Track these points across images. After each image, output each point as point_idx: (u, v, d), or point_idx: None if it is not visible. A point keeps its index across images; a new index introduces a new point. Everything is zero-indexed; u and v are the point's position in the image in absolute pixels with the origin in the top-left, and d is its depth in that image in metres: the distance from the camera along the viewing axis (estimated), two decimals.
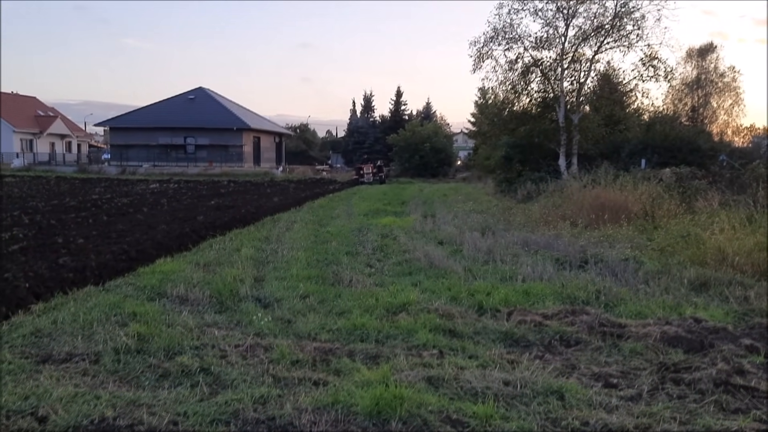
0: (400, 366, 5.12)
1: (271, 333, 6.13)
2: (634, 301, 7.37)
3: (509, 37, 27.00)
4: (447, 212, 18.50)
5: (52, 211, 17.84)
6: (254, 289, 8.00)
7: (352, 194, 28.72)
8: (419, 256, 10.33)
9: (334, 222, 16.32)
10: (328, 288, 8.15)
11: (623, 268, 9.02)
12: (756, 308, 7.12)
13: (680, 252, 10.06)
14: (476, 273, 9.12)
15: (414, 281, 8.62)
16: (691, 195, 16.63)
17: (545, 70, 27.16)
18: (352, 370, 5.03)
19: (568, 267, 9.49)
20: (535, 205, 18.73)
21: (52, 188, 29.85)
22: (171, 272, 8.86)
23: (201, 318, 6.64)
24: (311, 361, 5.26)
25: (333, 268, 9.58)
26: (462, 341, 5.95)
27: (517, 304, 7.25)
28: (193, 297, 7.44)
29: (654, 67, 25.87)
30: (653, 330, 6.19)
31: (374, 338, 6.01)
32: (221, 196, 26.15)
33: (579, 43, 26.69)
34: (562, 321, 6.59)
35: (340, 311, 6.97)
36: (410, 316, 6.71)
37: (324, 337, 6.04)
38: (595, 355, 5.69)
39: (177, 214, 17.37)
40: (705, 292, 7.93)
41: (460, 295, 7.61)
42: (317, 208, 21.04)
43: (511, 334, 6.19)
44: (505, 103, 29.17)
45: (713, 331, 6.26)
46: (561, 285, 8.10)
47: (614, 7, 25.96)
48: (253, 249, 11.18)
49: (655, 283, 8.26)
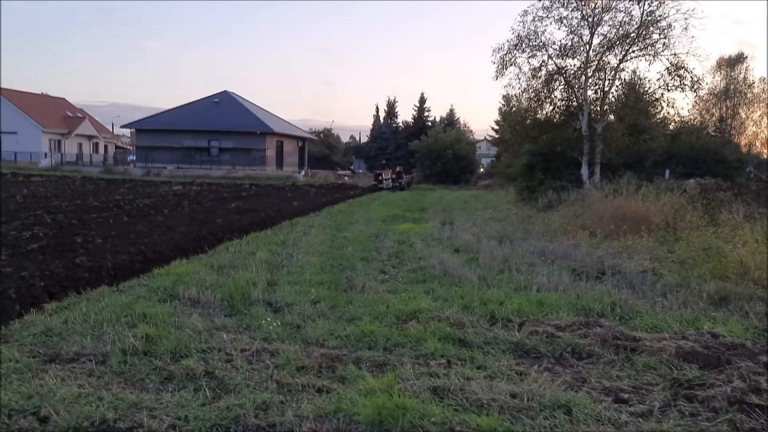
0: (406, 375, 5.06)
1: (279, 338, 6.11)
2: (651, 315, 7.21)
3: (533, 44, 26.83)
4: (466, 220, 18.38)
5: (75, 210, 18.10)
6: (266, 293, 7.99)
7: (372, 200, 28.72)
8: (434, 264, 10.26)
9: (351, 227, 16.30)
10: (340, 294, 8.12)
11: (641, 280, 8.85)
12: None
13: (701, 265, 9.85)
14: (491, 282, 9.02)
15: (427, 289, 8.55)
16: (715, 207, 16.34)
17: (569, 79, 26.92)
18: (358, 377, 4.97)
19: (584, 278, 9.34)
20: (555, 214, 18.52)
21: (77, 188, 30.31)
22: (185, 274, 8.91)
23: (210, 321, 6.64)
24: (317, 368, 5.22)
25: (347, 274, 9.56)
26: (471, 351, 5.86)
27: (530, 314, 7.14)
28: (205, 300, 7.46)
29: (680, 76, 25.47)
30: (668, 344, 6.04)
31: (382, 346, 5.95)
32: (242, 199, 26.32)
33: (604, 51, 26.42)
34: (574, 333, 6.47)
35: (350, 318, 6.92)
36: (420, 324, 6.64)
37: (332, 343, 6.00)
38: (607, 369, 5.56)
39: (196, 217, 17.50)
40: (725, 307, 7.73)
41: (472, 304, 7.51)
42: (336, 213, 21.05)
43: (522, 345, 6.09)
44: (528, 110, 28.99)
45: (731, 347, 6.09)
46: (576, 296, 7.97)
47: (640, 16, 25.66)
48: (269, 253, 11.20)
49: (673, 296, 8.08)
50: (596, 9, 25.99)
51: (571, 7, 26.10)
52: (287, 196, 29.60)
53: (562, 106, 27.70)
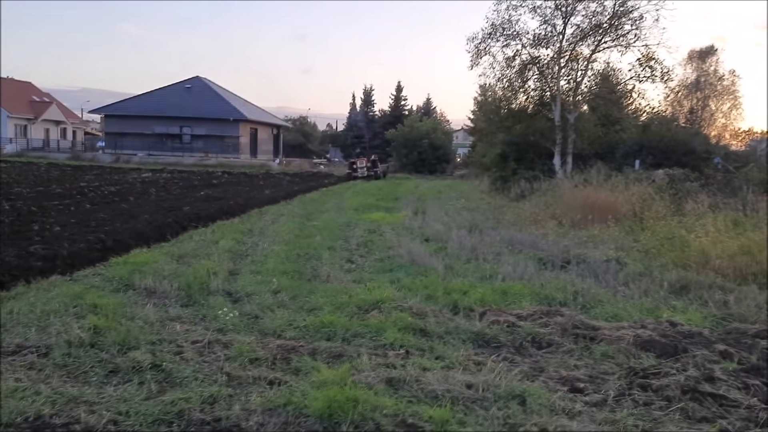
0: (362, 366, 4.96)
1: (235, 329, 5.97)
2: (612, 303, 7.22)
3: (507, 33, 26.80)
4: (438, 209, 18.33)
5: (36, 197, 17.66)
6: (227, 282, 7.83)
7: (346, 189, 28.54)
8: (402, 253, 10.17)
9: (322, 216, 16.14)
10: (304, 284, 7.98)
11: (605, 269, 8.87)
12: (735, 313, 6.98)
13: (665, 254, 9.91)
14: (457, 271, 8.96)
15: (393, 278, 8.45)
16: (681, 197, 16.51)
17: (542, 68, 26.97)
18: (312, 369, 4.86)
19: (550, 267, 9.34)
20: (526, 204, 18.59)
21: (41, 175, 29.64)
22: (144, 263, 8.70)
23: (165, 312, 6.47)
24: (271, 360, 5.10)
25: (312, 264, 9.42)
26: (431, 341, 5.79)
27: (493, 303, 7.09)
28: (162, 289, 7.27)
29: (651, 67, 25.68)
30: (627, 333, 6.03)
31: (341, 337, 5.85)
32: (212, 187, 25.96)
33: (577, 41, 26.49)
34: (535, 322, 6.43)
35: (311, 308, 6.80)
36: (382, 314, 6.54)
37: (289, 334, 5.88)
38: (565, 358, 5.53)
39: (163, 204, 17.19)
40: (685, 296, 7.78)
41: (436, 293, 7.44)
42: (308, 201, 20.86)
43: (483, 335, 6.03)
44: (503, 100, 29.00)
45: (688, 336, 6.11)
46: (540, 285, 7.95)
47: (612, 6, 25.75)
48: (234, 241, 11.01)
49: (635, 285, 8.11)
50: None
51: None
52: (259, 184, 29.27)
53: (535, 96, 27.76)
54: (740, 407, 4.41)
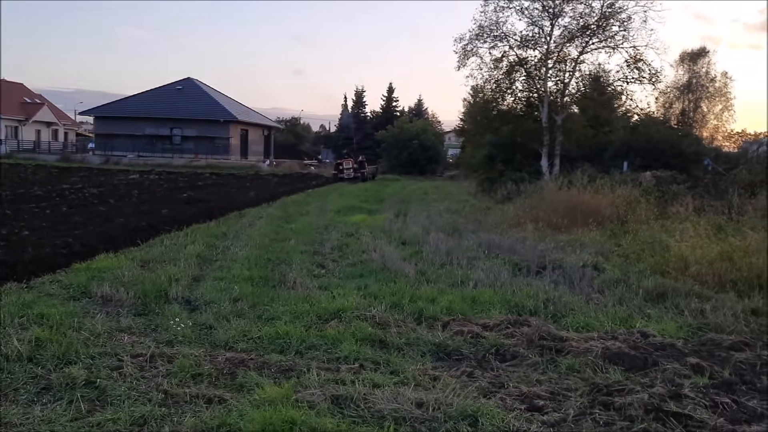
0: (310, 382, 4.70)
1: (185, 340, 5.69)
2: (584, 312, 6.97)
3: (495, 34, 26.62)
4: (421, 211, 18.07)
5: (14, 200, 17.33)
6: (187, 289, 7.55)
7: (332, 190, 28.26)
8: (375, 258, 9.92)
9: (302, 218, 15.87)
10: (267, 290, 7.71)
11: (581, 275, 8.62)
12: (711, 322, 6.74)
13: (645, 259, 9.68)
14: (429, 277, 8.71)
15: (361, 284, 8.19)
16: (667, 200, 16.31)
17: (530, 70, 26.78)
18: (257, 386, 4.60)
19: (525, 272, 9.08)
20: (511, 206, 18.32)
21: (26, 176, 29.24)
22: (106, 269, 8.41)
23: (116, 321, 6.19)
24: (215, 375, 4.83)
25: (281, 269, 9.14)
26: (389, 354, 5.53)
27: (460, 312, 6.84)
28: (118, 297, 7.00)
29: (639, 69, 25.55)
30: (595, 345, 5.79)
31: (295, 349, 5.58)
32: (197, 188, 25.65)
33: (564, 43, 26.34)
34: (501, 333, 6.19)
35: (270, 317, 6.54)
36: (342, 323, 6.29)
37: (241, 346, 5.61)
38: (529, 372, 5.28)
39: (141, 207, 16.89)
40: (662, 304, 7.54)
41: (402, 301, 7.19)
42: (291, 203, 20.57)
43: (444, 347, 5.78)
44: (491, 101, 28.80)
45: (659, 348, 5.87)
46: (512, 292, 7.70)
47: (600, 8, 25.61)
48: (205, 246, 10.72)
49: (610, 292, 7.87)
50: (557, 0, 25.86)
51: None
52: (246, 185, 28.95)
53: (523, 98, 27.58)
54: (705, 429, 4.16)
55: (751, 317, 6.87)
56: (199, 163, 49.11)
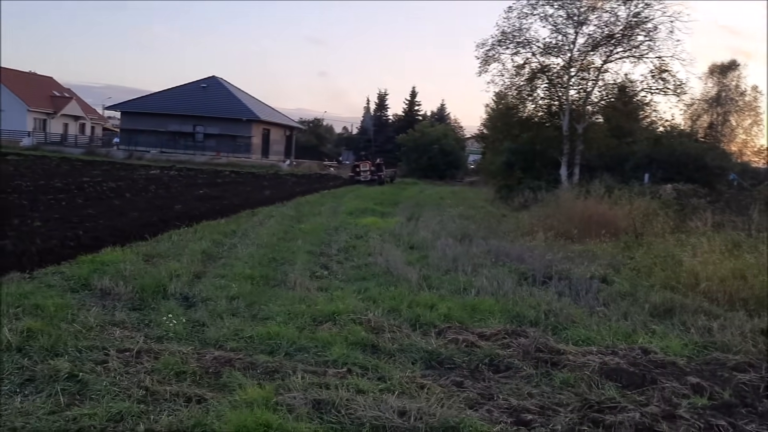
0: (294, 385, 4.62)
1: (176, 337, 5.66)
2: (586, 325, 6.81)
3: (517, 41, 26.36)
4: (434, 216, 17.94)
5: (33, 191, 17.55)
6: (187, 286, 7.53)
7: (348, 192, 28.23)
8: (380, 261, 9.83)
9: (313, 219, 15.84)
10: (267, 290, 7.68)
11: (587, 287, 8.44)
12: (717, 341, 6.53)
13: (657, 274, 9.46)
14: (432, 282, 8.60)
15: (362, 287, 8.11)
16: (687, 213, 15.99)
17: (552, 77, 26.49)
18: (240, 386, 4.53)
19: (531, 282, 8.92)
20: (527, 214, 18.12)
21: (50, 169, 29.68)
22: (110, 262, 8.43)
23: (111, 315, 6.18)
24: (199, 373, 4.78)
25: (284, 269, 9.11)
26: (379, 359, 5.44)
27: (458, 320, 6.72)
28: (117, 291, 7.00)
29: (663, 80, 25.10)
30: (593, 359, 5.64)
31: (285, 350, 5.52)
32: (214, 186, 25.80)
33: (588, 51, 25.99)
34: (497, 343, 6.06)
35: (265, 317, 6.49)
36: (336, 326, 6.21)
37: (231, 345, 5.56)
38: (521, 385, 5.14)
39: (155, 202, 17.01)
40: (669, 320, 7.34)
41: (400, 306, 7.09)
42: (305, 203, 20.57)
43: (437, 354, 5.67)
44: (511, 108, 28.54)
45: (660, 365, 5.70)
46: (513, 302, 7.56)
47: (626, 17, 25.23)
48: (212, 243, 10.73)
49: (615, 306, 7.68)
50: (582, 8, 25.56)
51: (556, 5, 25.64)
52: (263, 184, 29.07)
53: (544, 105, 27.28)
54: None
55: (759, 337, 6.65)
56: (220, 160, 49.53)
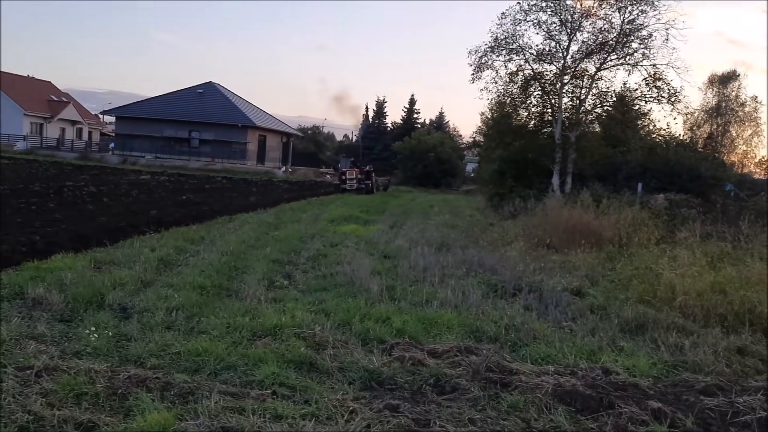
0: (205, 409, 4.17)
1: (94, 353, 5.21)
2: (548, 341, 6.34)
3: (510, 47, 25.97)
4: (418, 224, 17.50)
5: (7, 195, 17.16)
6: (129, 295, 7.09)
7: (337, 199, 27.80)
8: (347, 270, 9.37)
9: (291, 226, 15.39)
10: (214, 301, 7.22)
11: (558, 300, 7.98)
12: (689, 360, 6.06)
13: (635, 286, 9.00)
14: (395, 294, 8.14)
15: (319, 299, 7.66)
16: (676, 224, 15.55)
17: (545, 84, 26.08)
18: (144, 410, 4.08)
19: (500, 294, 8.47)
20: (513, 223, 17.68)
21: (36, 172, 29.32)
22: (55, 270, 7.99)
23: (33, 327, 5.72)
24: (103, 395, 4.32)
25: (243, 278, 8.65)
26: (312, 379, 4.98)
27: (411, 335, 6.26)
28: (50, 300, 6.55)
29: (658, 88, 24.67)
30: (547, 381, 5.17)
31: (211, 368, 5.05)
32: (201, 192, 25.41)
33: (581, 58, 25.58)
34: (447, 361, 5.60)
35: (201, 330, 6.03)
36: (276, 341, 5.76)
37: (152, 362, 5.09)
38: (464, 409, 4.68)
39: (133, 207, 16.61)
40: (641, 336, 6.88)
41: (352, 319, 6.63)
42: (288, 210, 20.13)
43: (378, 374, 5.20)
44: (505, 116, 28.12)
45: (621, 387, 5.23)
46: (475, 315, 7.10)
47: (620, 24, 24.84)
48: (174, 249, 10.28)
49: (584, 320, 7.22)
50: (575, 15, 25.19)
51: (549, 12, 25.27)
52: (251, 190, 28.67)
53: (536, 113, 26.87)
54: None
55: (734, 356, 6.20)
56: (214, 166, 49.16)
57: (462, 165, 59.11)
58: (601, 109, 27.03)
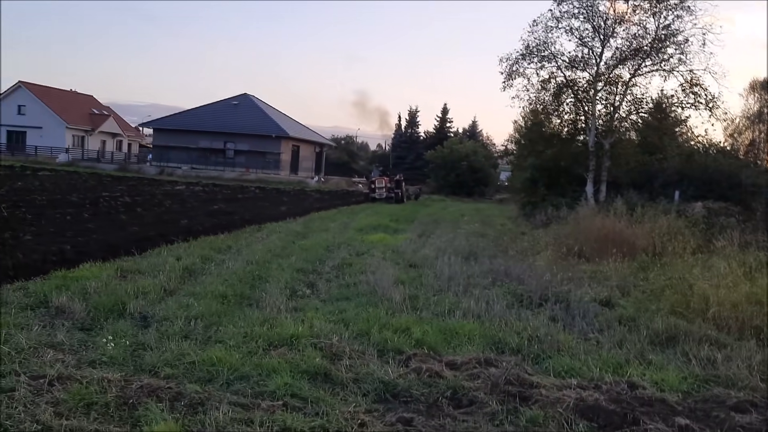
0: (212, 421, 4.11)
1: (110, 362, 5.21)
2: (573, 354, 6.14)
3: (542, 54, 25.66)
4: (447, 233, 17.34)
5: (44, 205, 17.56)
6: (151, 304, 7.12)
7: (367, 208, 27.79)
8: (370, 279, 9.28)
9: (318, 235, 15.38)
10: (234, 310, 7.20)
11: (585, 310, 7.75)
12: (721, 375, 5.80)
13: (667, 297, 8.70)
14: (417, 304, 8.01)
15: (340, 308, 7.58)
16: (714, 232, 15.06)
17: (577, 92, 25.68)
18: (151, 421, 4.05)
19: (526, 304, 8.27)
20: (544, 232, 17.38)
21: (74, 183, 30.00)
22: (82, 278, 8.08)
23: (52, 336, 5.76)
24: (113, 405, 4.30)
25: (265, 287, 8.62)
26: (326, 391, 4.89)
27: (431, 346, 6.13)
28: (72, 309, 6.60)
29: (695, 94, 24.04)
30: (569, 395, 4.98)
31: (224, 378, 5.00)
32: (233, 201, 25.67)
33: (615, 65, 25.12)
34: (465, 373, 5.44)
35: (218, 339, 6.00)
36: (291, 352, 5.69)
37: (166, 371, 5.07)
38: (481, 423, 4.53)
39: (164, 217, 16.83)
40: (671, 348, 6.62)
41: (371, 329, 6.53)
42: (317, 219, 20.17)
43: (393, 386, 5.09)
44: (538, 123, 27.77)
45: (647, 403, 5.01)
46: (498, 326, 6.92)
47: (655, 29, 24.33)
48: (200, 258, 10.34)
49: (612, 332, 6.98)
50: (608, 21, 24.77)
51: (581, 18, 24.91)
52: (283, 200, 28.86)
53: (569, 120, 26.46)
54: None
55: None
56: (249, 177, 49.74)
57: (495, 173, 58.67)
58: (636, 116, 26.50)
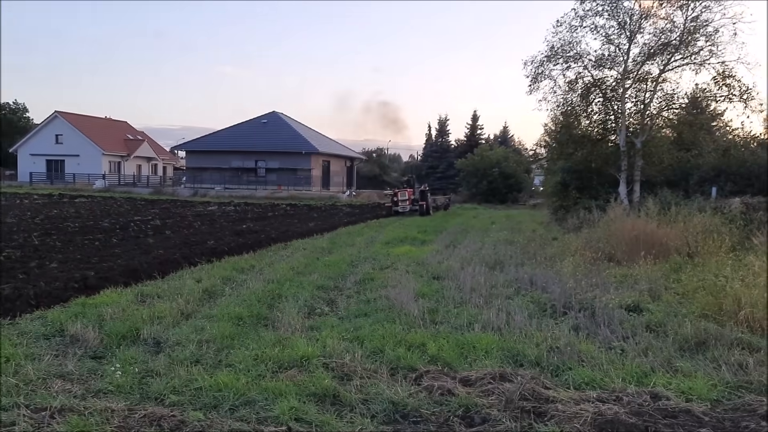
0: None
1: (116, 391, 5.15)
2: (595, 364, 5.87)
3: (568, 55, 25.25)
4: (475, 242, 17.06)
5: (76, 232, 17.91)
6: (165, 329, 7.08)
7: (395, 221, 27.57)
8: (390, 294, 9.12)
9: (344, 250, 15.29)
10: (249, 331, 7.11)
11: (610, 317, 7.44)
12: (754, 380, 5.47)
13: (699, 299, 8.32)
14: (436, 318, 7.82)
15: (357, 325, 7.43)
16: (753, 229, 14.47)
17: (605, 91, 25.17)
18: None
19: (549, 313, 7.99)
20: (575, 236, 16.96)
21: (108, 209, 30.60)
22: (101, 305, 8.12)
23: (62, 365, 5.75)
24: None
25: (282, 306, 8.53)
26: (332, 414, 4.74)
27: (446, 361, 5.94)
28: (85, 337, 6.61)
29: (728, 86, 23.30)
30: (586, 409, 4.74)
31: (230, 404, 4.90)
32: (262, 219, 25.81)
33: (643, 61, 24.56)
34: (479, 389, 5.23)
35: (228, 363, 5.91)
36: (301, 373, 5.56)
37: (171, 399, 4.99)
38: None
39: (191, 239, 16.94)
40: (700, 354, 6.28)
41: (386, 346, 6.36)
42: (344, 234, 20.10)
43: (402, 406, 4.91)
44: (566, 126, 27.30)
45: (670, 414, 4.73)
46: (518, 338, 6.68)
47: (683, 22, 23.72)
48: (220, 279, 10.33)
49: (638, 339, 6.67)
50: (634, 17, 24.25)
51: (606, 15, 24.44)
52: (312, 216, 28.92)
53: (598, 121, 25.93)
54: None
55: None
56: (281, 194, 50.13)
57: (529, 179, 58.01)
58: (668, 112, 25.83)
